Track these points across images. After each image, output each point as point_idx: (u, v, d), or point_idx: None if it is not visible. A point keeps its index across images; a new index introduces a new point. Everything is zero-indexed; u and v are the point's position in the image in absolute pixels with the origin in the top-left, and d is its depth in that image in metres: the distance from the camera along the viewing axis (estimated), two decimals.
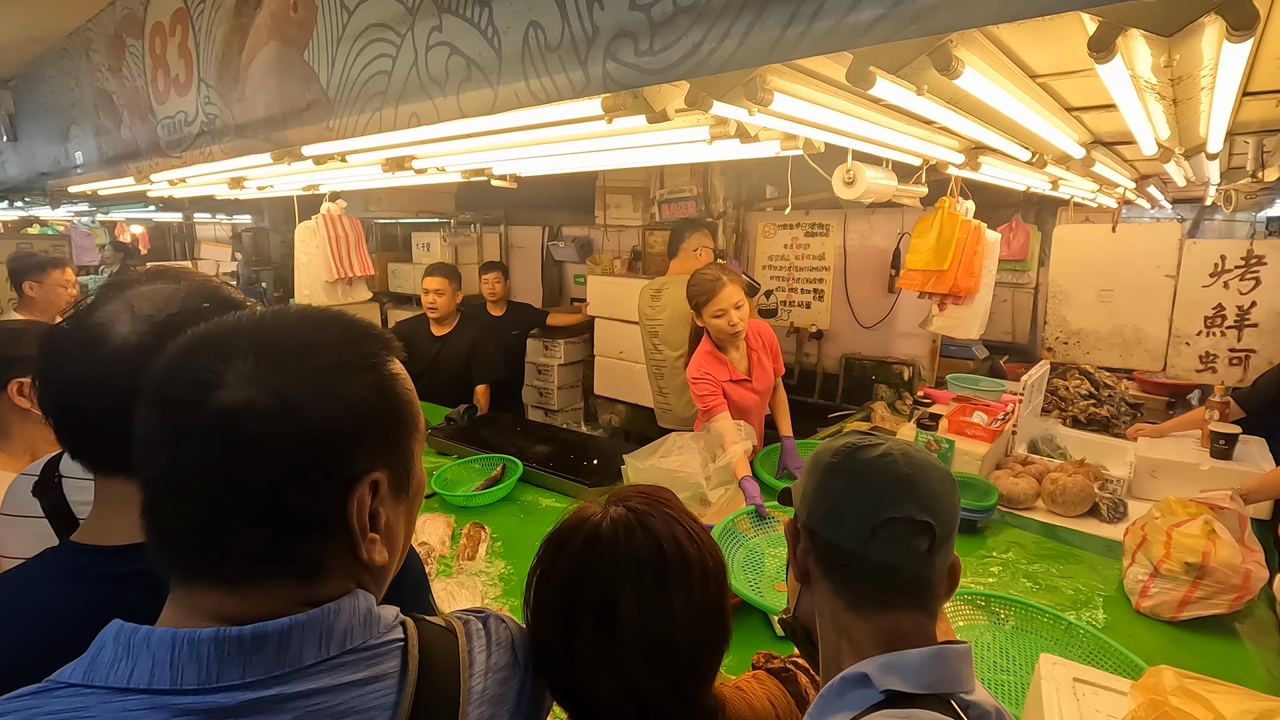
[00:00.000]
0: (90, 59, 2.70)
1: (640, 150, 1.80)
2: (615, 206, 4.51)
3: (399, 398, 0.60)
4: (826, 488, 0.80)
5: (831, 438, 0.86)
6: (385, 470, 0.57)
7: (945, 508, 0.77)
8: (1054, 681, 0.97)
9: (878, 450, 0.79)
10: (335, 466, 0.54)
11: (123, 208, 7.04)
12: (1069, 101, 1.57)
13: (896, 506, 0.75)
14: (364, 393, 0.56)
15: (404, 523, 0.63)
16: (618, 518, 0.79)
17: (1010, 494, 2.18)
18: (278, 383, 0.52)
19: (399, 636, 0.59)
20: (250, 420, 0.51)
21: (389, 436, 0.58)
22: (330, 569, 0.55)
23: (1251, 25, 0.71)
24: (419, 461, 0.63)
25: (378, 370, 0.58)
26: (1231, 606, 1.56)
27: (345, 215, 3.64)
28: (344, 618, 0.55)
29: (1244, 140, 2.18)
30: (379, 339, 0.61)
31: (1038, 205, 4.15)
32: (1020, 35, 1.08)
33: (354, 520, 0.54)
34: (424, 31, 1.32)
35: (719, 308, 2.28)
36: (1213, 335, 3.06)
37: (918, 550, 0.74)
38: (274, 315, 0.59)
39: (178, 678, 0.49)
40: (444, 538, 1.94)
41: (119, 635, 0.52)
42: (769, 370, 2.50)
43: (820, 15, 0.82)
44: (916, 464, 0.77)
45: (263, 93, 1.79)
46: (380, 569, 0.59)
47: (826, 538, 0.79)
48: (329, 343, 0.57)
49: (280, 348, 0.55)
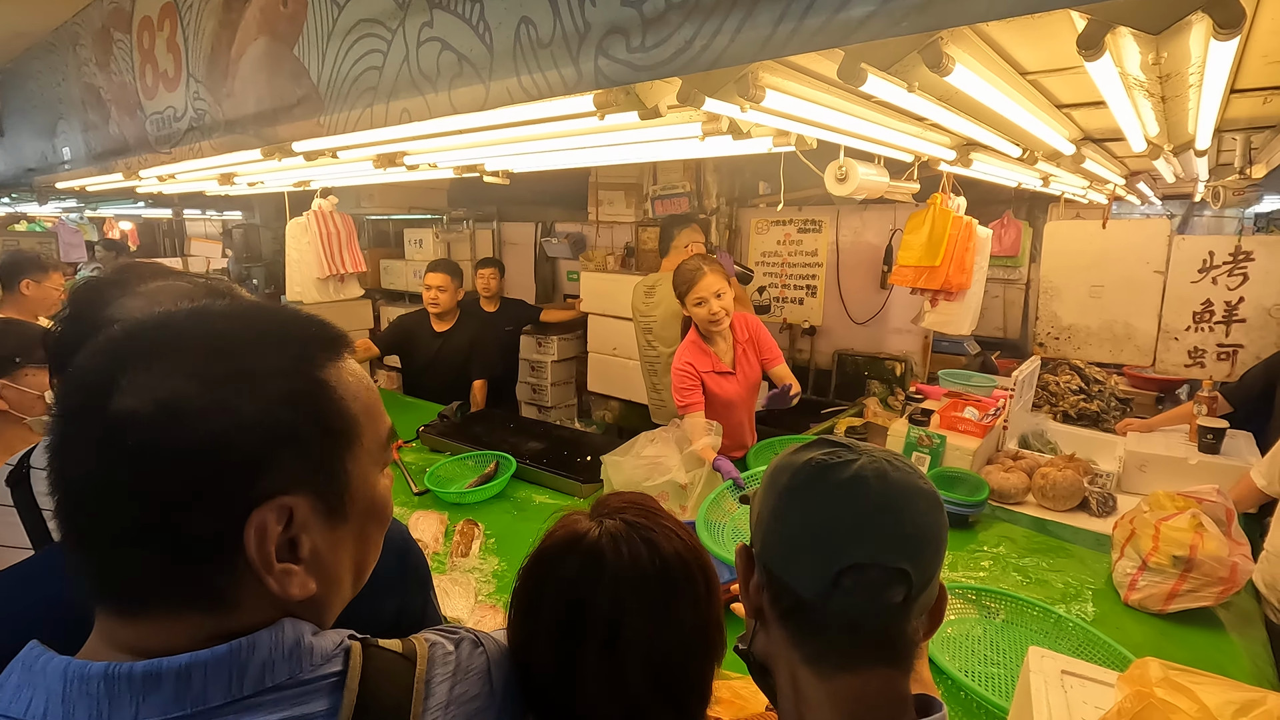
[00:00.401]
0: (77, 53, 2.67)
1: (632, 146, 1.80)
2: (608, 203, 4.50)
3: (326, 410, 0.52)
4: (782, 518, 0.67)
5: (798, 448, 0.71)
6: (306, 493, 0.51)
7: (929, 546, 0.64)
8: (1042, 674, 0.98)
9: (848, 471, 0.65)
10: (229, 488, 0.48)
11: (111, 204, 6.99)
12: (1059, 98, 1.58)
13: (865, 549, 0.61)
14: (274, 405, 0.49)
15: (351, 549, 0.56)
16: (615, 531, 0.74)
17: (1001, 489, 2.20)
18: (170, 391, 0.47)
19: (335, 670, 0.52)
20: (136, 432, 0.46)
21: (309, 455, 0.51)
22: (241, 601, 0.50)
23: (1238, 23, 0.71)
24: (367, 480, 0.56)
25: (301, 378, 0.52)
26: (1218, 599, 1.58)
27: (337, 211, 3.62)
28: (262, 652, 0.49)
29: (1232, 137, 2.20)
30: (314, 341, 0.54)
31: (1029, 201, 4.17)
32: (1011, 32, 1.09)
33: (252, 550, 0.48)
34: (415, 27, 1.31)
35: (699, 296, 2.31)
36: (1201, 330, 3.10)
37: (890, 602, 0.61)
38: (193, 314, 0.53)
39: (69, 714, 0.45)
40: (437, 535, 1.94)
41: (26, 659, 0.48)
42: (755, 364, 2.51)
43: (811, 12, 0.82)
44: (895, 489, 0.64)
45: (253, 88, 1.78)
46: (307, 602, 0.52)
47: (782, 579, 0.65)
48: (244, 346, 0.51)
49: (184, 352, 0.49)
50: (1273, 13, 1.00)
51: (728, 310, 2.35)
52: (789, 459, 0.70)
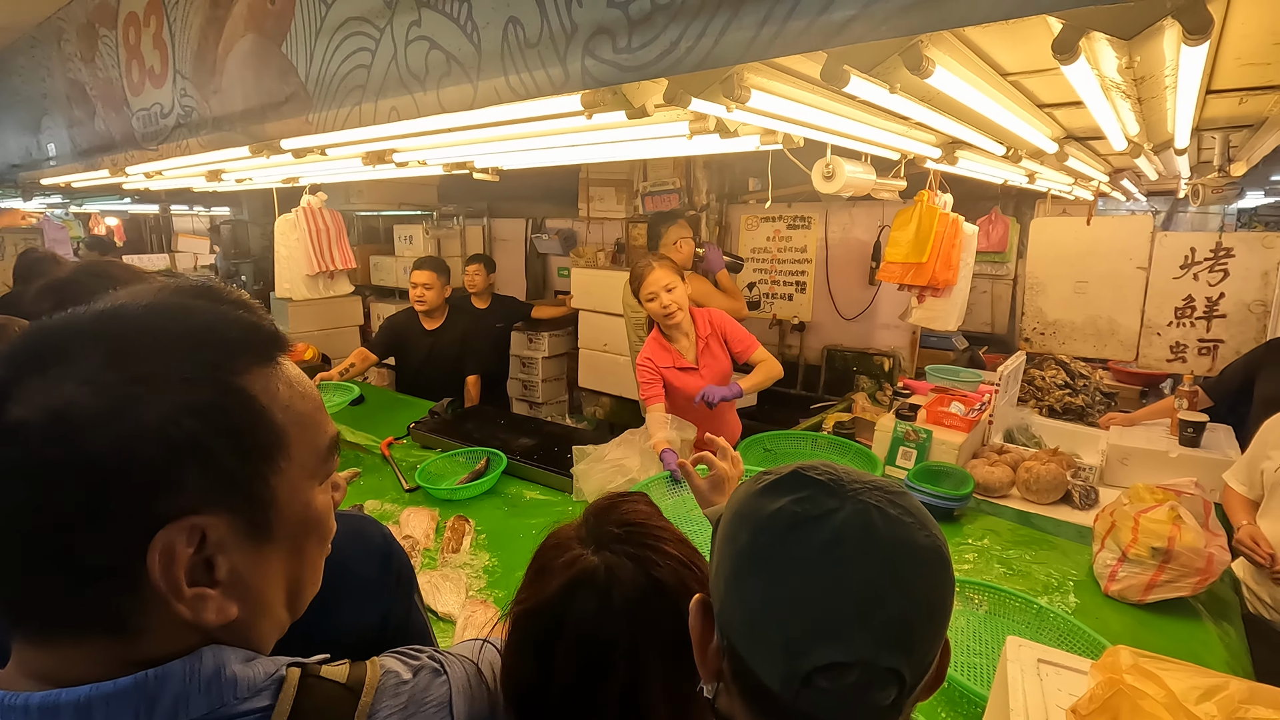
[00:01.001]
0: (62, 49, 2.65)
1: (621, 145, 1.81)
2: (599, 199, 4.51)
3: (244, 419, 0.48)
4: (742, 587, 0.54)
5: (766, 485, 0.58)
6: (221, 512, 0.46)
7: (928, 626, 0.52)
8: (1019, 663, 1.01)
9: (825, 530, 0.52)
10: (129, 508, 0.43)
11: (97, 200, 6.92)
12: (1040, 98, 1.60)
13: (844, 644, 0.49)
14: (177, 414, 0.44)
15: (278, 567, 0.51)
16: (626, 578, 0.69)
17: (986, 482, 2.23)
18: (62, 399, 0.42)
19: (262, 705, 0.48)
20: (22, 446, 0.42)
21: (223, 470, 0.46)
22: (150, 627, 0.46)
23: (1206, 29, 0.73)
24: (301, 494, 0.52)
25: (212, 385, 0.47)
26: (1195, 589, 1.62)
27: (326, 208, 3.62)
28: (174, 684, 0.45)
29: (1211, 136, 2.23)
30: (236, 345, 0.49)
31: (1016, 198, 4.21)
32: (989, 35, 1.11)
33: (156, 574, 0.44)
34: (403, 26, 1.32)
35: (649, 291, 2.37)
36: (1183, 326, 3.14)
37: (876, 705, 0.51)
38: (99, 315, 0.48)
39: None
40: (428, 531, 1.95)
41: None
42: (721, 358, 2.53)
43: (794, 15, 0.84)
44: (885, 551, 0.51)
45: (240, 85, 1.78)
46: (229, 628, 0.48)
47: (743, 658, 0.54)
48: (153, 351, 0.46)
49: (84, 356, 0.44)
50: (1243, 17, 1.03)
51: (680, 304, 2.40)
52: (753, 504, 0.57)
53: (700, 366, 2.49)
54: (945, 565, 0.54)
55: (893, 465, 2.39)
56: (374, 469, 2.46)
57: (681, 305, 2.41)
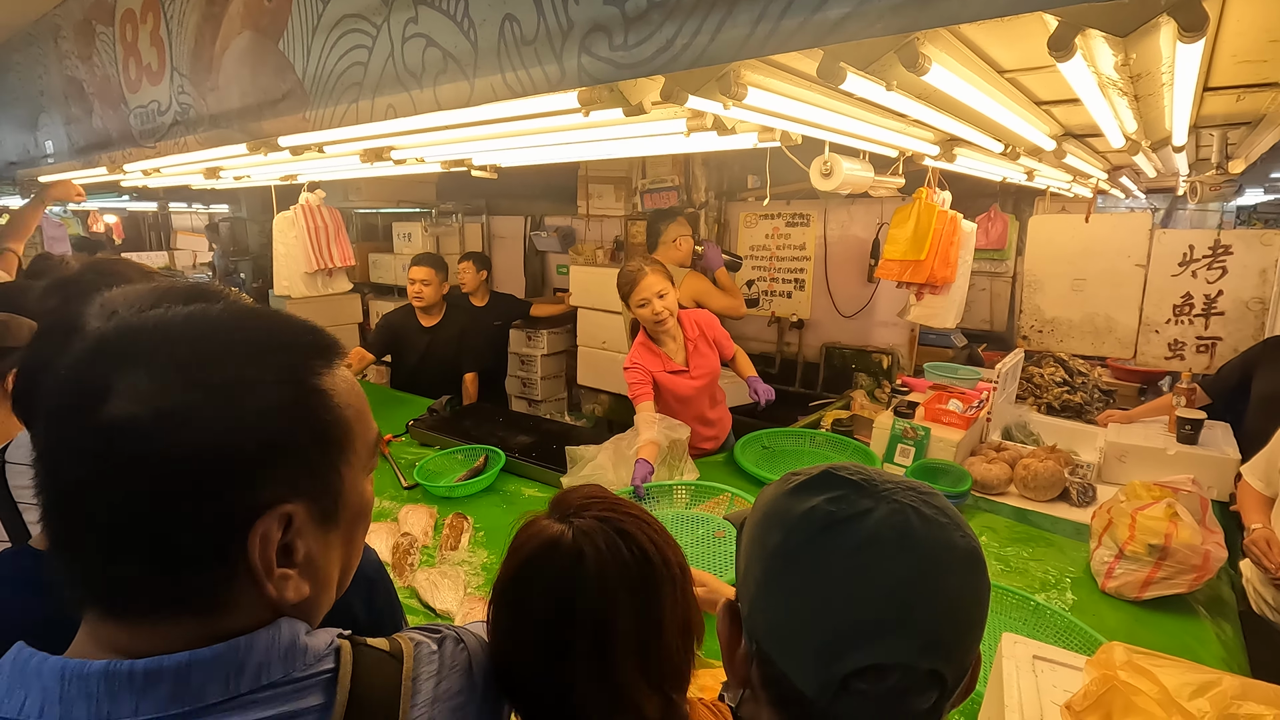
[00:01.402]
0: (59, 46, 2.65)
1: (619, 142, 1.81)
2: (597, 196, 4.50)
3: (321, 418, 0.52)
4: (775, 588, 0.53)
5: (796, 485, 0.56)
6: (303, 500, 0.51)
7: (968, 628, 0.51)
8: (1014, 659, 1.01)
9: (861, 530, 0.50)
10: (231, 497, 0.48)
11: (96, 197, 6.90)
12: (1038, 95, 1.60)
13: (884, 646, 0.48)
14: (273, 413, 0.49)
15: (340, 552, 0.57)
16: (589, 529, 0.75)
17: (984, 479, 2.23)
18: (168, 399, 0.46)
19: (328, 668, 0.53)
20: (133, 440, 0.45)
21: (307, 463, 0.52)
22: (236, 604, 0.50)
23: (1201, 27, 0.73)
24: (359, 484, 0.57)
25: (297, 386, 0.52)
26: (1191, 586, 1.62)
27: (324, 205, 3.61)
28: (259, 652, 0.49)
29: (1209, 133, 2.23)
30: (308, 348, 0.54)
31: (1015, 195, 4.21)
32: (986, 32, 1.11)
33: (255, 558, 0.48)
34: (400, 23, 1.32)
35: (641, 297, 2.35)
36: (1181, 323, 3.14)
37: (915, 710, 0.49)
38: (189, 318, 0.52)
39: (67, 713, 0.45)
40: (427, 528, 1.96)
41: (16, 660, 0.48)
42: (710, 358, 2.53)
43: (789, 13, 0.84)
44: (924, 552, 0.50)
45: (237, 83, 1.78)
46: (301, 605, 0.53)
47: (774, 662, 0.53)
48: (241, 353, 0.50)
49: (182, 357, 0.48)
50: (1238, 15, 1.02)
51: (671, 310, 2.38)
52: (783, 504, 0.55)
53: (691, 368, 2.48)
54: (982, 567, 0.52)
55: (891, 462, 2.39)
56: None
57: (673, 310, 2.39)
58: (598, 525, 0.75)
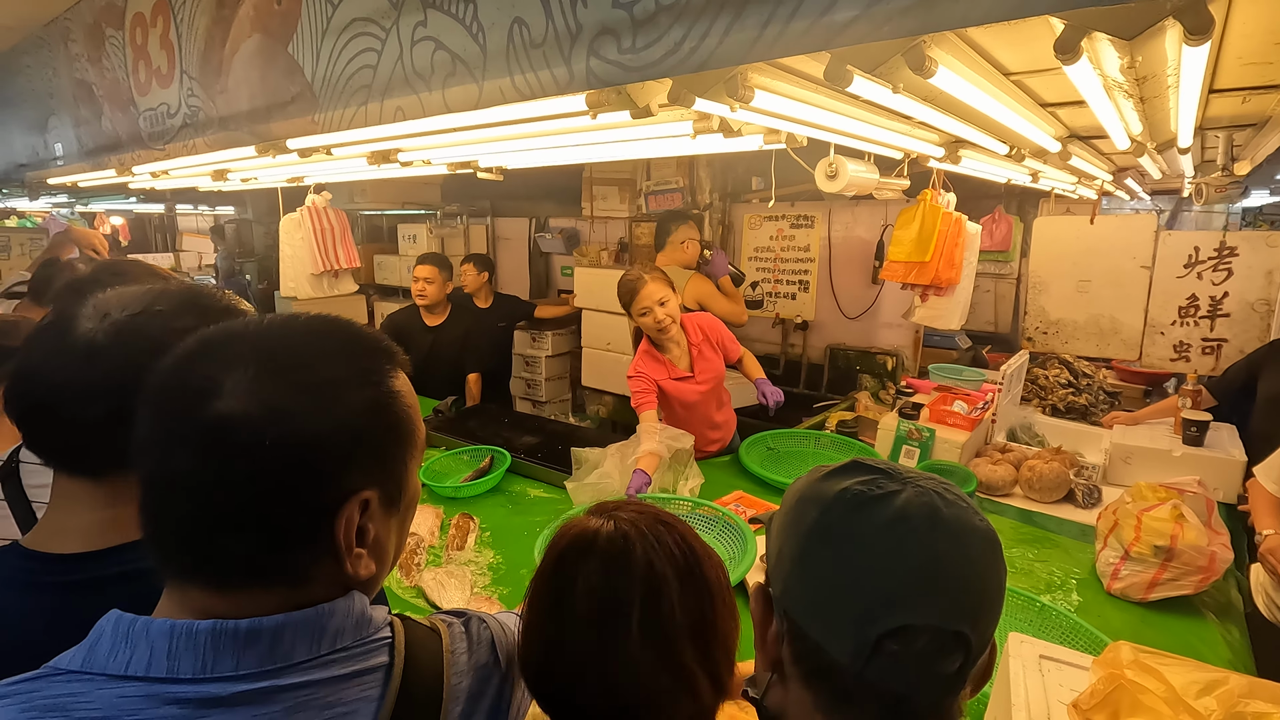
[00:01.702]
0: (68, 49, 2.67)
1: (625, 144, 1.82)
2: (602, 198, 4.51)
3: (396, 415, 0.59)
4: (809, 563, 0.56)
5: (826, 474, 0.61)
6: (376, 488, 0.57)
7: (990, 602, 0.55)
8: (1021, 659, 1.02)
9: (890, 507, 0.54)
10: (325, 484, 0.54)
11: (103, 199, 6.95)
12: (1043, 98, 1.60)
13: (915, 609, 0.51)
14: (359, 411, 0.56)
15: (395, 535, 0.63)
16: (631, 519, 0.77)
17: (989, 481, 2.23)
18: (273, 396, 0.53)
19: (386, 636, 0.61)
20: (243, 432, 0.51)
21: (382, 455, 0.58)
22: (317, 578, 0.57)
23: (1207, 30, 0.74)
24: (414, 476, 0.64)
25: (377, 388, 0.58)
26: (1197, 587, 1.62)
27: (330, 207, 3.63)
28: (337, 619, 0.57)
29: (1215, 135, 2.23)
30: (382, 354, 0.61)
31: (1020, 196, 4.21)
32: (992, 35, 1.11)
33: (340, 537, 0.55)
34: (409, 26, 1.33)
35: (642, 306, 2.32)
36: (1186, 325, 3.14)
37: (943, 672, 0.52)
38: (279, 325, 0.59)
39: (175, 667, 0.51)
40: (433, 528, 1.97)
41: (118, 624, 0.53)
42: (714, 362, 2.51)
43: (797, 15, 0.84)
44: (949, 528, 0.54)
45: (246, 85, 1.79)
46: (367, 580, 0.60)
47: (808, 634, 0.55)
48: (329, 357, 0.57)
49: (280, 360, 0.55)
50: (1244, 17, 1.03)
51: (673, 317, 2.35)
52: (816, 488, 0.59)
53: (696, 373, 2.47)
54: (999, 551, 0.57)
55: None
56: None
57: (675, 318, 2.36)
58: (639, 516, 0.78)
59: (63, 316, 0.72)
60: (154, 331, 0.70)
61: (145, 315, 0.72)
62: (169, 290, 0.77)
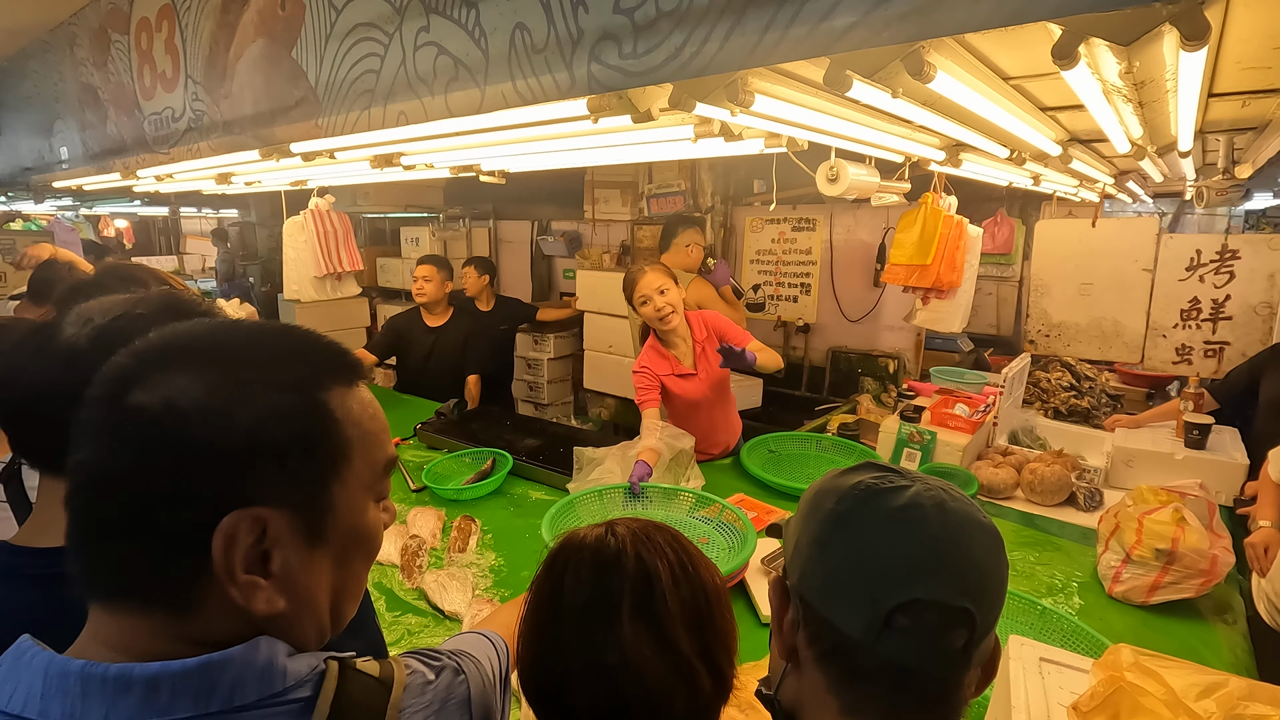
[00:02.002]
0: (74, 53, 2.69)
1: (627, 148, 1.83)
2: (604, 201, 4.52)
3: (320, 432, 0.53)
4: (826, 546, 0.61)
5: (841, 472, 0.66)
6: (285, 509, 0.51)
7: (993, 587, 0.58)
8: (1021, 661, 1.02)
9: (902, 497, 0.59)
10: (208, 490, 0.49)
11: (107, 202, 6.98)
12: (1043, 102, 1.61)
13: (924, 585, 0.55)
14: (267, 417, 0.50)
15: (328, 573, 0.55)
16: (626, 526, 0.79)
17: (990, 484, 2.23)
18: (177, 391, 0.49)
19: (305, 695, 0.51)
20: (140, 425, 0.48)
21: (291, 472, 0.52)
22: (206, 606, 0.50)
23: (1203, 36, 0.74)
24: (357, 506, 0.57)
25: (301, 396, 0.53)
26: (1199, 591, 1.62)
27: (333, 210, 3.64)
28: (233, 670, 0.49)
29: (1215, 138, 2.23)
30: (326, 365, 0.56)
31: (1022, 199, 4.21)
32: (991, 40, 1.12)
33: (217, 554, 0.48)
34: (412, 31, 1.34)
35: (642, 295, 2.35)
36: (1188, 328, 3.14)
37: (949, 647, 0.55)
38: (230, 326, 0.56)
39: (47, 710, 0.46)
40: (435, 530, 1.97)
41: (16, 652, 0.49)
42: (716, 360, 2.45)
43: (797, 21, 0.85)
44: (956, 519, 0.58)
45: (250, 90, 1.80)
46: (273, 619, 0.52)
47: (823, 615, 0.59)
48: (253, 359, 0.53)
49: (201, 358, 0.52)
50: (1241, 21, 1.03)
51: (674, 306, 2.36)
52: (833, 483, 0.65)
53: (699, 371, 2.47)
54: (1003, 546, 0.61)
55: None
56: None
57: (676, 307, 2.37)
58: (634, 524, 0.79)
59: (50, 322, 0.75)
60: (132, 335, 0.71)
61: (125, 319, 0.73)
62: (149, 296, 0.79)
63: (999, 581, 0.59)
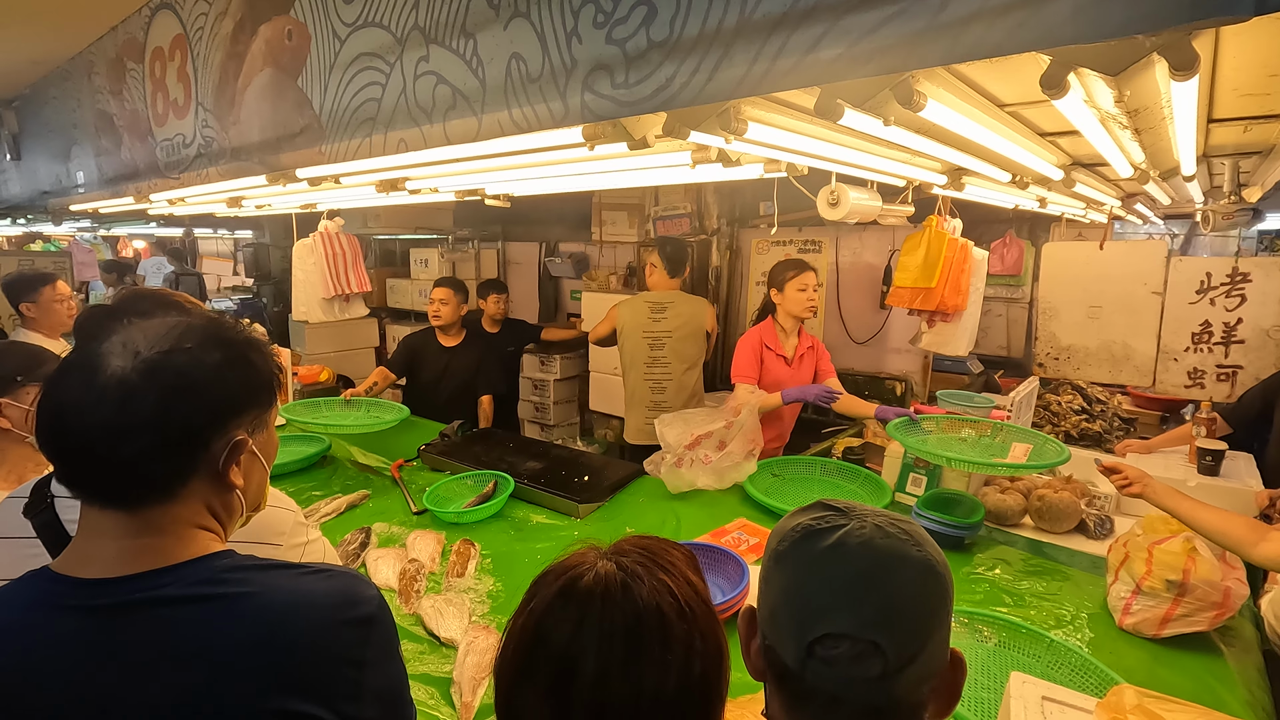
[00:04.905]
0: (92, 81, 2.76)
1: (626, 173, 1.84)
2: (611, 223, 4.56)
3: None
4: (769, 582, 0.68)
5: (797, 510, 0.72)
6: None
7: (910, 617, 0.62)
8: (1022, 699, 0.99)
9: (829, 538, 0.65)
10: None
11: (125, 224, 7.11)
12: (1041, 127, 1.60)
13: (833, 620, 0.61)
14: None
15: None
16: (604, 574, 0.70)
17: (997, 510, 2.19)
18: None
19: None
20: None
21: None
22: None
23: (1191, 66, 0.74)
24: None
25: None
26: (1212, 624, 1.57)
27: (343, 232, 3.69)
28: None
29: (1220, 162, 2.22)
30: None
31: (1031, 221, 4.19)
32: (982, 69, 1.12)
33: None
34: (412, 61, 1.36)
35: (804, 282, 2.65)
36: (1200, 351, 3.09)
37: (865, 676, 0.60)
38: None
39: None
40: (434, 554, 1.96)
41: None
42: (809, 369, 2.83)
43: (784, 53, 0.86)
44: (878, 557, 0.63)
45: (257, 117, 1.84)
46: None
47: (770, 644, 0.67)
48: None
49: None
50: (1234, 50, 1.03)
51: (815, 307, 2.70)
52: (785, 522, 0.71)
53: (794, 365, 2.76)
54: (933, 574, 0.64)
55: (902, 492, 2.36)
56: (384, 491, 2.48)
57: (816, 309, 2.71)
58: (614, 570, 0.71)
59: (89, 352, 0.73)
60: (184, 368, 0.72)
61: (175, 352, 0.73)
62: (194, 325, 0.78)
63: (924, 611, 0.63)
